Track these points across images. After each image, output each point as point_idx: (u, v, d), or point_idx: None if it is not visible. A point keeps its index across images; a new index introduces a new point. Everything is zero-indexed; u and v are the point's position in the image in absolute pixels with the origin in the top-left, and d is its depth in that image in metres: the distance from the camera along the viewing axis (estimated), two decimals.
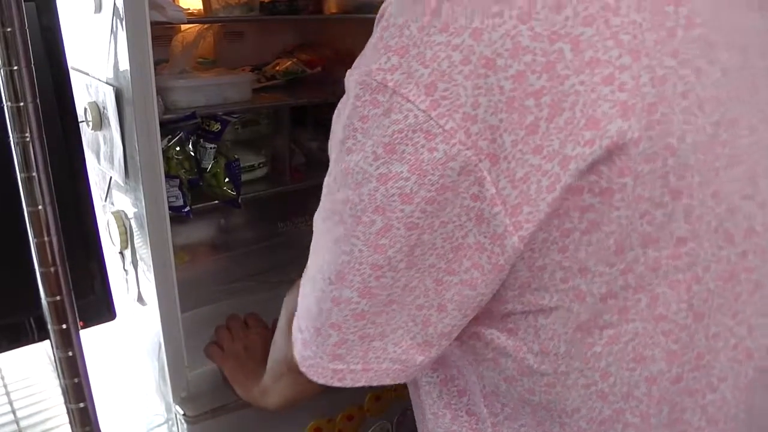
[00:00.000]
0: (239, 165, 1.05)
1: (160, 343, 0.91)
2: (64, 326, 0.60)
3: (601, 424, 0.47)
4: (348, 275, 0.45)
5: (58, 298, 0.60)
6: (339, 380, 0.49)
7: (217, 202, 1.06)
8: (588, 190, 0.40)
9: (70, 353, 0.62)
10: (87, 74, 0.92)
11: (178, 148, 0.99)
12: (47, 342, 0.64)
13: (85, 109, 0.90)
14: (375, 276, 0.44)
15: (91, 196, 0.83)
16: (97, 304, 0.85)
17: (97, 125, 0.89)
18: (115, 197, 0.96)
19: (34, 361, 1.32)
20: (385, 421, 1.16)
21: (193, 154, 1.01)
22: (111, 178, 0.93)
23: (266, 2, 1.11)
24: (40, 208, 0.57)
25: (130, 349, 1.12)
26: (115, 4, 0.74)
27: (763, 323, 0.47)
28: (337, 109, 0.46)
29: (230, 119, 1.02)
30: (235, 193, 1.04)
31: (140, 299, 0.96)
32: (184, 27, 1.06)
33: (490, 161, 0.39)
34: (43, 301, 0.60)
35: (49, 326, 0.61)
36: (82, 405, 0.64)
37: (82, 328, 0.64)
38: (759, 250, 0.46)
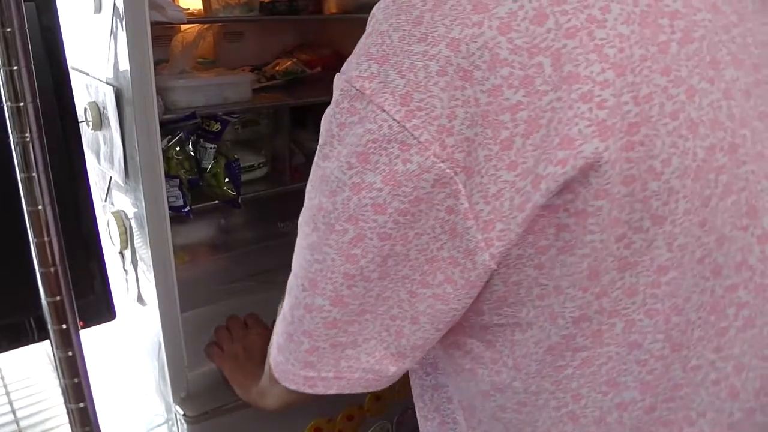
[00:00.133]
0: (239, 165, 1.05)
1: (160, 343, 0.91)
2: (64, 326, 0.60)
3: None
4: (320, 283, 0.44)
5: (58, 298, 0.60)
6: (310, 387, 0.48)
7: (217, 202, 1.06)
8: (564, 209, 0.38)
9: (70, 353, 0.62)
10: (87, 74, 0.92)
11: (178, 148, 0.99)
12: (47, 342, 0.64)
13: (85, 109, 0.90)
14: (347, 285, 0.43)
15: (91, 196, 0.83)
16: (97, 304, 0.85)
17: (97, 125, 0.89)
18: (115, 197, 0.96)
19: (34, 361, 1.32)
20: (385, 421, 1.16)
21: (193, 154, 1.01)
22: (111, 178, 0.93)
23: (266, 2, 1.11)
24: (40, 208, 0.57)
25: (130, 349, 1.12)
26: (115, 4, 0.74)
27: (757, 365, 0.44)
28: (325, 113, 0.45)
29: (230, 119, 1.02)
30: (235, 193, 1.04)
31: (140, 299, 0.96)
32: (184, 27, 1.06)
33: (466, 174, 0.38)
34: (43, 301, 0.60)
35: (49, 326, 0.61)
36: (82, 405, 0.64)
37: (82, 328, 0.64)
38: (753, 287, 0.43)
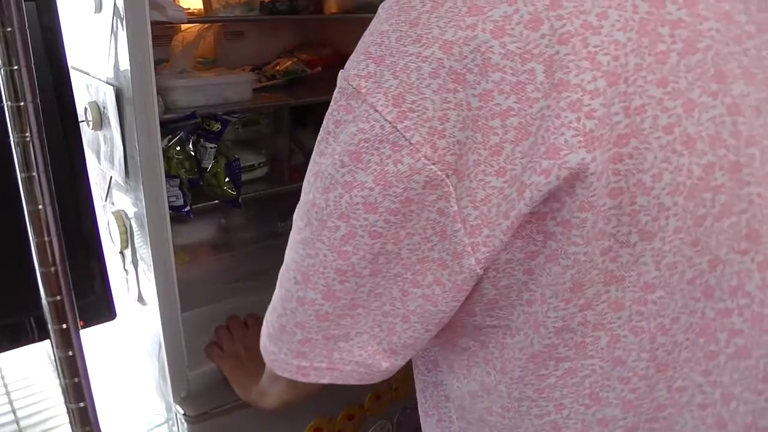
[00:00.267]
0: (239, 165, 1.05)
1: (160, 343, 0.91)
2: (64, 326, 0.60)
3: None
4: (312, 277, 0.44)
5: (58, 297, 0.59)
6: (303, 376, 0.49)
7: (217, 201, 1.05)
8: (551, 217, 0.38)
9: (70, 353, 0.61)
10: (87, 74, 0.92)
11: (179, 148, 0.98)
12: (47, 342, 0.64)
13: (86, 109, 0.90)
14: (339, 280, 0.43)
15: (92, 196, 0.83)
16: (97, 304, 0.85)
17: (98, 125, 0.89)
18: (115, 197, 0.96)
19: (34, 361, 1.32)
20: (385, 421, 1.16)
21: (193, 153, 1.01)
22: (111, 177, 0.93)
23: (266, 2, 1.11)
24: (41, 207, 0.57)
25: (130, 349, 1.12)
26: (115, 3, 0.74)
27: (750, 398, 0.43)
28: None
29: (230, 119, 1.02)
30: (235, 193, 1.04)
31: (140, 299, 0.96)
32: (184, 27, 1.06)
33: (457, 177, 0.38)
34: (43, 301, 0.60)
35: (49, 326, 0.61)
36: (82, 405, 0.64)
37: (82, 327, 0.64)
38: (750, 315, 0.41)
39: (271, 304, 0.51)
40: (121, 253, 0.96)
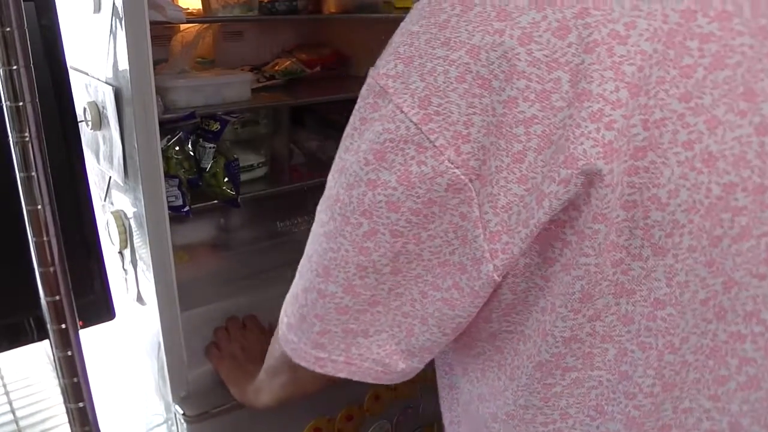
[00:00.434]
0: (238, 165, 1.05)
1: (160, 343, 0.91)
2: (64, 326, 0.60)
3: None
4: (333, 271, 0.45)
5: (58, 297, 0.59)
6: (320, 367, 0.49)
7: (216, 201, 1.05)
8: (569, 225, 0.38)
9: (69, 353, 0.61)
10: (86, 74, 0.92)
11: (178, 148, 0.98)
12: (47, 342, 0.64)
13: (85, 109, 0.90)
14: (359, 276, 0.44)
15: (91, 196, 0.83)
16: (97, 304, 0.85)
17: (97, 125, 0.89)
18: (114, 197, 0.96)
19: (34, 361, 1.32)
20: (385, 421, 1.16)
21: (192, 153, 1.01)
22: (110, 177, 0.93)
23: (265, 2, 1.11)
24: (40, 207, 0.57)
25: (130, 349, 1.12)
26: (114, 3, 0.74)
27: None
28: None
29: (229, 119, 1.02)
30: (234, 193, 1.04)
31: (140, 299, 0.96)
32: (183, 27, 1.06)
33: (480, 182, 0.38)
34: (43, 301, 0.60)
35: (48, 326, 0.61)
36: (81, 405, 0.64)
37: (82, 327, 0.64)
38: (764, 344, 0.40)
39: (290, 293, 0.51)
40: (120, 253, 0.96)
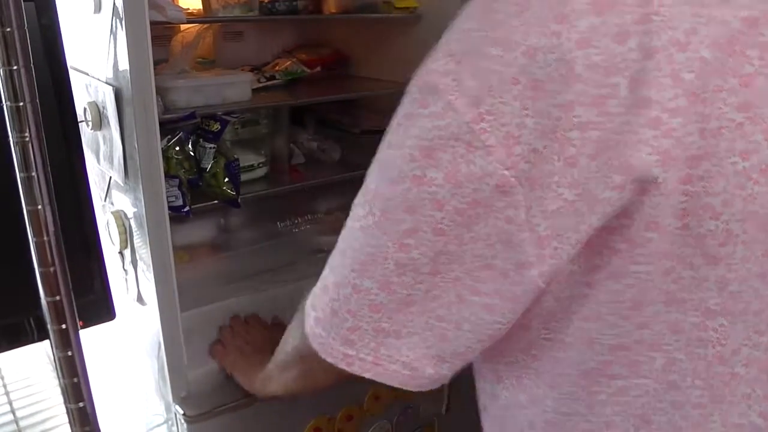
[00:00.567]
0: (239, 165, 1.05)
1: (160, 343, 0.91)
2: (64, 326, 0.60)
3: None
4: (370, 266, 0.44)
5: (58, 298, 0.59)
6: (347, 365, 0.48)
7: (216, 202, 1.05)
8: (619, 233, 0.38)
9: (70, 353, 0.61)
10: (86, 74, 0.92)
11: (178, 148, 0.98)
12: (47, 342, 0.64)
13: (85, 109, 0.90)
14: (397, 273, 0.43)
15: (91, 196, 0.83)
16: (97, 304, 0.85)
17: (97, 125, 0.89)
18: (114, 197, 0.96)
19: (34, 361, 1.32)
20: (385, 421, 1.16)
21: (192, 154, 1.01)
22: (111, 177, 0.93)
23: (265, 2, 1.11)
24: (40, 207, 0.57)
25: (130, 349, 1.12)
26: (114, 4, 0.74)
27: None
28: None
29: (230, 119, 1.02)
30: (234, 193, 1.04)
31: (140, 299, 0.96)
32: (183, 27, 1.06)
33: (529, 186, 0.37)
34: (43, 301, 0.60)
35: (49, 326, 0.60)
36: (81, 405, 0.64)
37: (82, 328, 0.64)
38: None
39: (319, 287, 0.50)
40: (121, 253, 0.96)
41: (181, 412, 0.93)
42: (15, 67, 0.53)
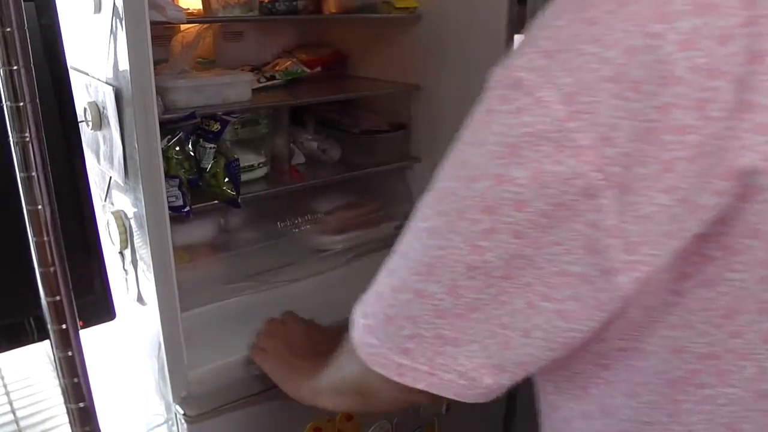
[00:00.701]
0: (239, 165, 1.05)
1: (160, 343, 0.91)
2: (64, 326, 0.60)
3: None
4: (438, 269, 0.42)
5: (58, 298, 0.59)
6: (399, 375, 0.46)
7: (216, 202, 1.06)
8: (714, 241, 0.37)
9: (70, 353, 0.61)
10: (86, 74, 0.92)
11: (178, 148, 0.99)
12: (47, 342, 0.64)
13: (85, 109, 0.90)
14: (467, 276, 0.41)
15: (91, 196, 0.83)
16: (97, 304, 0.85)
17: (97, 125, 0.89)
18: (114, 197, 0.96)
19: (34, 361, 1.32)
20: (385, 421, 1.16)
21: (192, 154, 1.01)
22: (111, 177, 0.93)
23: (265, 2, 1.11)
24: (40, 207, 0.57)
25: (130, 349, 1.12)
26: (114, 4, 0.74)
27: None
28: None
29: (230, 119, 1.02)
30: (234, 193, 1.04)
31: (140, 299, 0.96)
32: (183, 27, 1.06)
33: (619, 190, 0.36)
34: (43, 301, 0.60)
35: (49, 326, 0.61)
36: (81, 405, 0.64)
37: (82, 328, 0.64)
38: None
39: (372, 293, 0.48)
40: (121, 253, 0.96)
41: (182, 412, 0.93)
42: (15, 67, 0.53)
